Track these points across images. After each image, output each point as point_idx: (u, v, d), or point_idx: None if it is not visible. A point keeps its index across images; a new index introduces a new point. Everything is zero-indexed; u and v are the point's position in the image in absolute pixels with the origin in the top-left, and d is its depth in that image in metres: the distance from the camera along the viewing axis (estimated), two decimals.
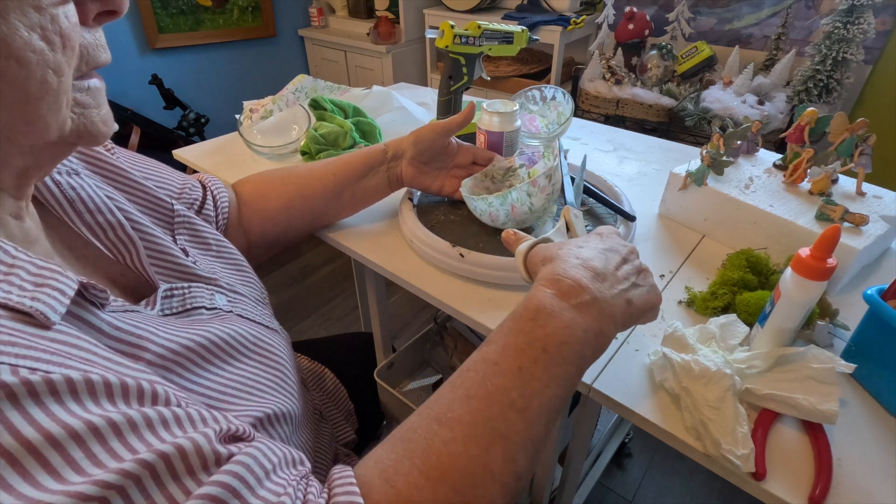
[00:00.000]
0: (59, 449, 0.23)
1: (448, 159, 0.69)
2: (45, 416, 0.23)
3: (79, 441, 0.23)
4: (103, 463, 0.23)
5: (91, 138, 0.32)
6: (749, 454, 0.39)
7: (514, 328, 0.37)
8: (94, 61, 0.31)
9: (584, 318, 0.37)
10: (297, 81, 1.06)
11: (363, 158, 0.66)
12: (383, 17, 2.25)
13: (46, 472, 0.22)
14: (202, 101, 2.28)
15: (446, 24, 0.80)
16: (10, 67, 0.25)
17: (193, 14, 2.15)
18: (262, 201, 0.64)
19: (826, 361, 0.44)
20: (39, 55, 0.26)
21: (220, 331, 0.41)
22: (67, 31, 0.28)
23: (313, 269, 2.09)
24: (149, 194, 0.48)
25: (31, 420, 0.22)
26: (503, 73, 2.01)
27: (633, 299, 0.40)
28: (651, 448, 1.36)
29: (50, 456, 0.22)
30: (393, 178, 0.67)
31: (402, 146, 0.66)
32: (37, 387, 0.23)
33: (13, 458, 0.21)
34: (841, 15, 1.38)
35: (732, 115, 1.45)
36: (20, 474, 0.21)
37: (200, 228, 0.52)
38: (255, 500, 0.27)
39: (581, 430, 0.74)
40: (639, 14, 1.71)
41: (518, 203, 0.60)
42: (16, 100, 0.26)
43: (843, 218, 0.58)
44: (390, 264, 0.64)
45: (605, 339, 0.39)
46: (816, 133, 0.67)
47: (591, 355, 0.38)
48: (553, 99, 0.97)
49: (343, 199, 0.66)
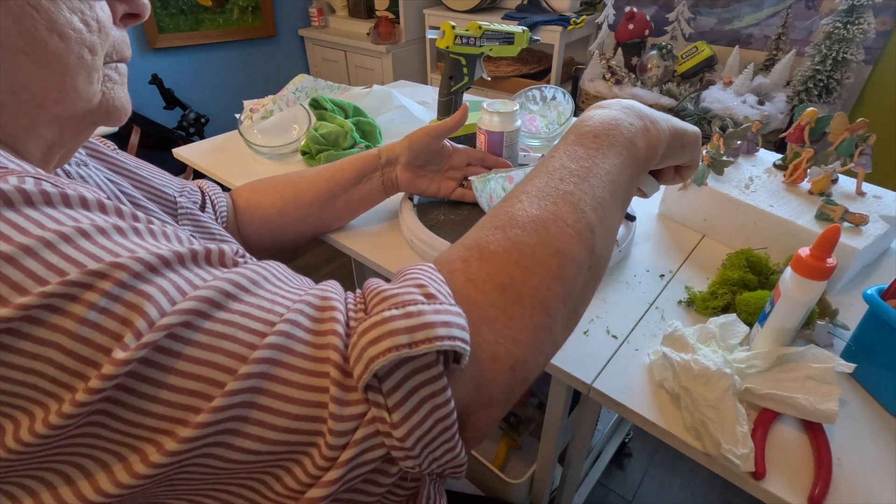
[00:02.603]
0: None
1: (443, 162, 0.69)
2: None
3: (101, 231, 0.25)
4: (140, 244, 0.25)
5: (114, 113, 0.35)
6: (749, 454, 0.39)
7: (557, 147, 0.39)
8: (120, 54, 0.35)
9: (625, 114, 0.40)
10: (298, 81, 1.06)
11: (356, 164, 0.65)
12: (383, 17, 2.25)
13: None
14: (202, 101, 2.28)
15: (447, 24, 0.80)
16: (53, 40, 0.29)
17: (193, 14, 2.15)
18: (256, 209, 0.64)
19: (826, 361, 0.44)
20: (78, 34, 0.30)
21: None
22: (103, 20, 0.32)
23: (313, 269, 2.09)
24: (153, 187, 0.50)
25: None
26: (503, 73, 2.01)
27: (678, 126, 0.44)
28: (651, 448, 1.36)
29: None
30: (388, 183, 0.67)
31: (395, 151, 0.66)
32: (52, 196, 0.24)
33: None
34: (841, 15, 1.38)
35: (732, 115, 1.45)
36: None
37: (204, 221, 0.53)
38: (284, 286, 0.29)
39: (581, 429, 0.74)
40: (639, 14, 1.71)
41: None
42: (55, 69, 0.29)
43: (843, 218, 0.58)
44: (391, 264, 0.64)
45: (653, 136, 0.41)
46: (816, 133, 0.67)
47: (643, 147, 0.40)
48: (553, 99, 0.97)
49: (337, 206, 0.66)
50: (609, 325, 0.54)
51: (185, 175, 1.92)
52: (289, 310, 0.27)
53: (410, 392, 0.26)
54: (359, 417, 0.25)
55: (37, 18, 0.28)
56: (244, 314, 0.25)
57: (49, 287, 0.21)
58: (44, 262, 0.22)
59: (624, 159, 0.38)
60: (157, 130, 1.92)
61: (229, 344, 0.24)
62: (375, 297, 0.29)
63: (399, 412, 0.25)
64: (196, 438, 0.23)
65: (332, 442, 0.25)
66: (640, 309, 0.56)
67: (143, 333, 0.22)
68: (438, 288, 0.29)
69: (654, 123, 0.41)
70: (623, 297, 0.58)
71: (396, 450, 0.26)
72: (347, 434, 0.25)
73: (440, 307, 0.27)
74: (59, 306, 0.21)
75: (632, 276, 0.61)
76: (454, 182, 0.70)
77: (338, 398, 0.25)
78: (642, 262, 0.64)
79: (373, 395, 0.25)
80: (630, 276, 0.61)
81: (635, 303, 0.57)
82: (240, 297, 0.26)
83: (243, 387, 0.24)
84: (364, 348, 0.25)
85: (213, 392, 0.23)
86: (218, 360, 0.24)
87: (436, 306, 0.27)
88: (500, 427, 0.94)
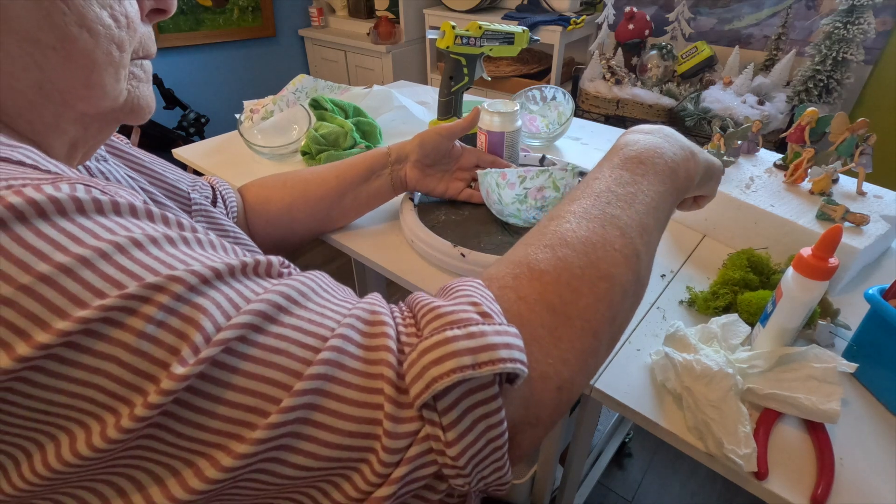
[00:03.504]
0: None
1: (452, 162, 0.70)
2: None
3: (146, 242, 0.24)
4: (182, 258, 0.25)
5: (139, 111, 0.35)
6: (751, 454, 0.39)
7: (601, 167, 0.39)
8: (146, 50, 0.34)
9: (668, 142, 0.41)
10: (298, 81, 1.06)
11: (366, 161, 0.66)
12: (383, 17, 2.25)
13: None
14: (202, 101, 2.28)
15: (447, 24, 0.80)
16: (83, 35, 0.28)
17: (193, 14, 2.15)
18: (265, 204, 0.64)
19: (828, 361, 0.44)
20: (107, 30, 0.29)
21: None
22: (132, 15, 0.31)
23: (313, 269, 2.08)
24: (167, 182, 0.50)
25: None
26: (503, 74, 2.01)
27: (694, 150, 0.44)
28: (651, 448, 1.36)
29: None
30: (396, 181, 0.67)
31: (405, 149, 0.66)
32: (104, 205, 0.24)
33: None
34: (841, 15, 1.38)
35: (732, 115, 1.45)
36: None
37: (217, 217, 0.53)
38: (332, 297, 0.29)
39: (582, 429, 0.74)
40: (639, 14, 1.71)
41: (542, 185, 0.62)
42: (83, 65, 0.29)
43: (844, 218, 0.58)
44: (391, 264, 0.64)
45: (692, 167, 0.42)
46: (817, 133, 0.67)
47: (683, 178, 0.41)
48: (553, 99, 0.97)
49: (345, 203, 0.66)
50: None
51: None
52: (339, 324, 0.27)
53: (466, 411, 0.26)
54: (412, 435, 0.25)
55: (67, 13, 0.27)
56: (296, 328, 0.25)
57: (108, 300, 0.21)
58: (101, 274, 0.21)
59: (667, 188, 0.39)
60: (157, 130, 1.92)
61: (284, 359, 0.24)
62: (428, 313, 0.28)
63: (454, 431, 0.25)
64: (251, 455, 0.23)
65: (385, 459, 0.25)
66: (642, 309, 0.56)
67: (200, 348, 0.22)
68: (491, 307, 0.29)
69: (693, 155, 0.43)
70: None
71: (448, 468, 0.26)
72: (401, 451, 0.25)
73: (500, 328, 0.27)
74: (118, 319, 0.21)
75: None
76: (462, 183, 0.71)
77: (392, 415, 0.25)
78: None
79: (427, 412, 0.25)
80: None
81: None
82: (291, 311, 0.26)
83: (298, 403, 0.23)
84: (426, 367, 0.25)
85: (269, 408, 0.23)
86: (273, 376, 0.24)
87: (496, 327, 0.27)
88: None
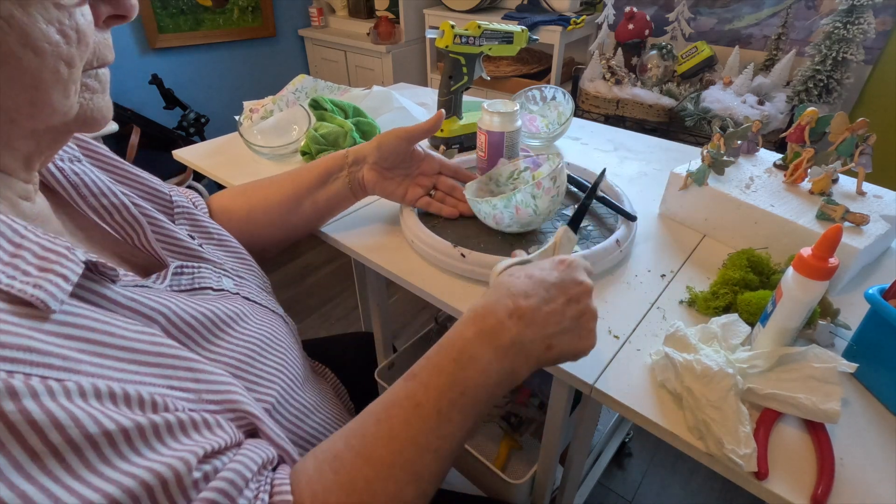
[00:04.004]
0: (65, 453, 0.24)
1: (413, 167, 0.67)
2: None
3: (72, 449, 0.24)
4: (84, 480, 0.24)
5: (93, 123, 0.34)
6: (751, 454, 0.39)
7: (438, 366, 0.39)
8: (101, 59, 0.33)
9: (502, 361, 0.39)
10: (297, 81, 1.06)
11: (323, 164, 0.65)
12: (383, 17, 2.25)
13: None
14: (202, 101, 2.28)
15: (447, 24, 0.80)
16: (27, 55, 0.27)
17: (193, 14, 2.15)
18: (226, 213, 0.65)
19: (828, 361, 0.44)
20: (55, 47, 0.28)
21: (227, 308, 0.42)
22: (83, 28, 0.30)
23: (313, 269, 2.09)
24: (146, 184, 0.50)
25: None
26: (503, 73, 2.01)
27: (556, 344, 0.41)
28: (651, 448, 1.36)
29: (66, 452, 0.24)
30: (355, 183, 0.66)
31: (364, 151, 0.65)
32: (18, 391, 0.23)
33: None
34: (841, 15, 1.38)
35: (732, 115, 1.45)
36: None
37: (200, 218, 0.53)
38: None
39: (582, 429, 0.74)
40: (639, 14, 1.71)
41: (522, 205, 0.59)
42: (28, 85, 0.28)
43: (844, 217, 0.58)
44: (391, 264, 0.64)
45: (518, 377, 0.41)
46: (817, 133, 0.67)
47: (501, 393, 0.41)
48: (553, 99, 0.97)
49: (304, 208, 0.65)
50: (611, 326, 0.54)
51: (184, 175, 1.91)
52: None
53: None
54: None
55: (8, 32, 0.26)
56: None
57: None
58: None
59: (480, 414, 0.40)
60: (157, 130, 1.92)
61: None
62: None
63: None
64: None
65: None
66: (642, 309, 0.56)
67: None
68: None
69: (524, 365, 0.40)
70: (624, 297, 0.58)
71: None
72: None
73: None
74: None
75: (633, 276, 0.61)
76: (421, 189, 0.68)
77: None
78: (643, 261, 0.64)
79: None
80: (631, 276, 0.61)
81: (637, 303, 0.57)
82: None
83: None
84: None
85: None
86: None
87: None
88: (501, 428, 0.94)
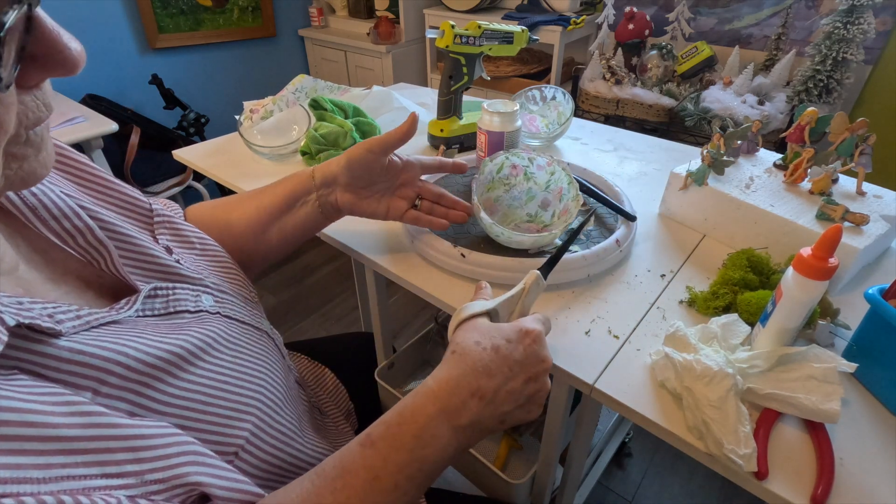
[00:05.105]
0: None
1: (392, 179, 0.59)
2: None
3: None
4: None
5: (27, 185, 0.31)
6: (751, 454, 0.39)
7: (398, 439, 0.39)
8: (32, 123, 0.29)
9: (459, 439, 0.41)
10: (297, 81, 1.06)
11: (289, 187, 0.58)
12: (383, 17, 2.25)
13: None
14: (202, 101, 2.28)
15: (447, 24, 0.80)
16: None
17: (193, 14, 2.15)
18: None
19: (828, 361, 0.44)
20: None
21: (200, 335, 0.40)
22: (2, 118, 0.26)
23: (313, 269, 2.09)
24: (123, 194, 0.46)
25: None
26: (503, 73, 2.01)
27: (508, 419, 0.42)
28: (651, 448, 1.36)
29: None
30: (326, 206, 0.58)
31: (332, 170, 0.57)
32: None
33: None
34: (841, 15, 1.38)
35: (732, 115, 1.45)
36: None
37: (182, 227, 0.50)
38: None
39: (582, 429, 0.74)
40: (639, 14, 1.71)
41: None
42: None
43: (844, 217, 0.58)
44: (391, 264, 0.64)
45: (467, 449, 0.43)
46: (817, 133, 0.67)
47: (451, 464, 0.43)
48: (553, 99, 0.97)
49: (270, 236, 0.59)
50: (610, 325, 0.54)
51: (185, 175, 1.91)
52: None
53: None
54: None
55: None
56: None
57: None
58: None
59: (432, 482, 0.41)
60: (157, 130, 1.92)
61: None
62: None
63: None
64: None
65: None
66: (642, 309, 0.56)
67: None
68: None
69: (477, 438, 0.42)
70: (624, 297, 0.58)
71: None
72: None
73: None
74: None
75: (633, 276, 0.61)
76: (405, 202, 0.60)
77: None
78: (643, 261, 0.64)
79: None
80: (631, 276, 0.61)
81: (636, 303, 0.57)
82: None
83: None
84: None
85: None
86: None
87: None
88: None
